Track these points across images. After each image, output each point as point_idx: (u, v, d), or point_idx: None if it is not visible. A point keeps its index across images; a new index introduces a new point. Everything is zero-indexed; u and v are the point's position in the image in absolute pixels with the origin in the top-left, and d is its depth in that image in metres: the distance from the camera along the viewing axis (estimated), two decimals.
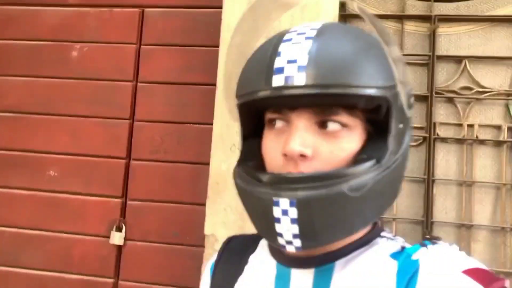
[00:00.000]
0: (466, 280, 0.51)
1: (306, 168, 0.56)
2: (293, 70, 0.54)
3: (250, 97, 0.58)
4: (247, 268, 0.70)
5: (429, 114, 1.66)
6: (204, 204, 1.60)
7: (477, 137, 1.64)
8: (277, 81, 0.55)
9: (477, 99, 1.66)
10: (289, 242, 0.55)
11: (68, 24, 1.87)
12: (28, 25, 1.89)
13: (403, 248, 0.62)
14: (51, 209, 1.81)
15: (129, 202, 1.78)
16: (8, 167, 1.85)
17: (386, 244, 0.63)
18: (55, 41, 1.87)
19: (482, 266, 0.54)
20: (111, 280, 1.74)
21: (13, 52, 1.89)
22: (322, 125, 0.58)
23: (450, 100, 1.69)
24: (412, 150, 1.70)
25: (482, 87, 1.66)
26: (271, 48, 0.58)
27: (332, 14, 1.62)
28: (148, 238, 1.75)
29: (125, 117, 1.80)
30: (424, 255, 0.57)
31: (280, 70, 0.55)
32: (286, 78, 0.54)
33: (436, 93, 1.67)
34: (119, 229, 1.76)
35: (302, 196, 0.53)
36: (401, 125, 0.59)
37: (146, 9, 1.84)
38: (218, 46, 1.63)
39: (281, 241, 0.56)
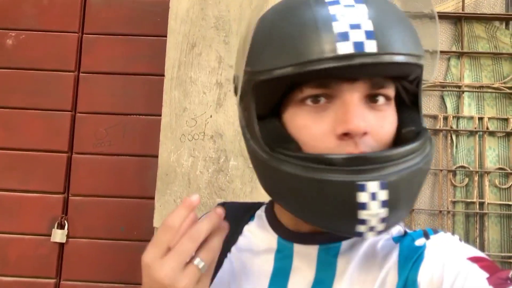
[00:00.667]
0: (471, 266, 0.50)
1: (365, 147, 0.51)
2: (360, 36, 0.48)
3: (298, 69, 0.49)
4: (241, 238, 0.67)
5: None
6: (152, 198, 1.56)
7: None
8: (344, 48, 0.48)
9: None
10: (372, 228, 0.50)
11: (1, 10, 1.76)
12: None
13: (405, 232, 0.61)
14: None
15: (71, 198, 1.70)
16: None
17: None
18: None
19: (487, 257, 0.53)
20: (53, 281, 1.65)
21: None
22: (370, 99, 0.53)
23: None
24: None
25: None
26: (317, 10, 0.51)
27: None
28: (93, 235, 1.67)
29: (66, 108, 1.72)
30: (428, 242, 0.56)
31: (345, 36, 0.48)
32: (355, 45, 0.48)
33: None
34: (61, 226, 1.67)
35: (390, 175, 0.48)
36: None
37: None
38: (165, 36, 1.60)
39: (360, 228, 0.50)
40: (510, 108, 1.73)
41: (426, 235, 0.58)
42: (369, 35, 0.48)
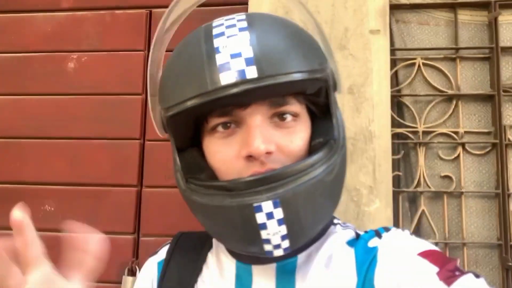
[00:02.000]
0: (422, 261, 0.52)
1: (274, 164, 0.54)
2: (241, 64, 0.52)
3: (193, 103, 0.53)
4: (205, 267, 0.68)
5: (498, 117, 1.40)
6: None
7: None
8: (226, 78, 0.52)
9: None
10: (277, 246, 0.53)
11: (62, 31, 1.59)
12: (15, 34, 1.61)
13: (358, 235, 0.63)
14: (48, 251, 1.50)
15: (142, 239, 1.48)
16: None
17: (342, 232, 0.64)
18: (47, 52, 1.58)
19: (436, 248, 0.55)
20: None
21: None
22: (277, 118, 0.57)
23: None
24: (479, 159, 1.43)
25: None
26: (204, 45, 0.55)
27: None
28: None
29: (134, 136, 1.51)
30: (380, 242, 0.58)
31: (226, 67, 0.52)
32: (236, 73, 0.51)
33: (503, 91, 1.41)
34: (132, 273, 1.45)
35: (284, 193, 0.51)
36: (337, 105, 0.62)
37: (154, 10, 1.58)
38: None
39: (267, 248, 0.53)
40: None
41: (378, 235, 0.60)
42: (249, 61, 0.52)
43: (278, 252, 0.53)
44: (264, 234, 0.51)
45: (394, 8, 1.49)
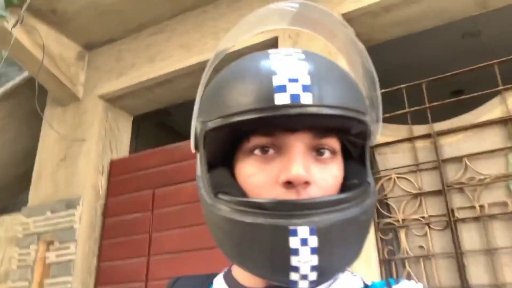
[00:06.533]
0: None
1: (306, 195, 0.53)
2: (297, 89, 0.52)
3: (244, 117, 0.53)
4: None
5: (446, 204, 2.17)
6: None
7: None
8: (281, 99, 0.52)
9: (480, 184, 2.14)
10: (304, 277, 0.50)
11: None
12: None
13: (366, 285, 0.61)
14: None
15: None
16: None
17: (351, 278, 0.62)
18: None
19: None
20: None
21: None
22: (316, 152, 0.57)
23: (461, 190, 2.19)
24: (440, 233, 2.18)
25: (482, 174, 2.15)
26: (262, 67, 0.56)
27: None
28: None
29: None
30: None
31: (283, 88, 0.52)
32: (292, 97, 0.52)
33: (447, 186, 2.20)
34: None
35: (322, 222, 0.50)
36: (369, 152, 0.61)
37: None
38: None
39: (294, 276, 0.50)
40: None
41: (389, 285, 0.59)
42: (306, 88, 0.52)
43: (304, 284, 0.50)
44: (294, 260, 0.49)
45: (376, 146, 2.46)
